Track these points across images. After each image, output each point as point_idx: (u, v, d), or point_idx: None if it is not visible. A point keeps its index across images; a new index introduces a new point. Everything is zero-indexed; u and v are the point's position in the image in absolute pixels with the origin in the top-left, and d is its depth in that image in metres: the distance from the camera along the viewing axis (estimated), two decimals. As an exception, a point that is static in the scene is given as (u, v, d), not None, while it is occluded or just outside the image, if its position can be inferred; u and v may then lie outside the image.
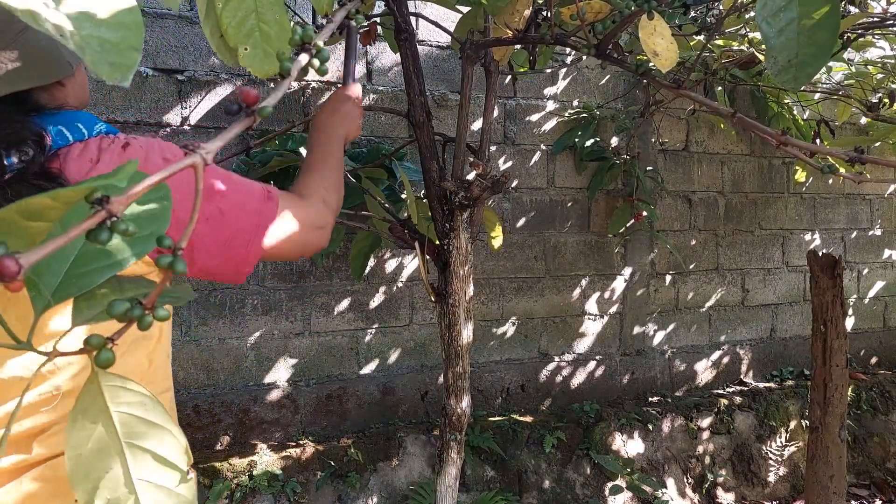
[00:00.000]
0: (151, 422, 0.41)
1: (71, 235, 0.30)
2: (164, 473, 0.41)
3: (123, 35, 0.37)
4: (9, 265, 0.28)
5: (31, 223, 0.31)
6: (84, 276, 0.40)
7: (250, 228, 0.84)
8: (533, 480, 2.27)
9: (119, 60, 0.36)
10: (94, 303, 0.41)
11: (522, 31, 1.13)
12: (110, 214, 0.31)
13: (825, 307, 1.96)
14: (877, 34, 1.98)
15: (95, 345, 0.39)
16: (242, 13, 0.54)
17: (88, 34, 0.36)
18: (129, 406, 0.41)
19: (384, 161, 1.88)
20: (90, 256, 0.41)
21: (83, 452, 0.39)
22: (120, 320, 0.38)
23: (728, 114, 0.74)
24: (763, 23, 0.57)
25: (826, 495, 1.94)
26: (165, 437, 0.42)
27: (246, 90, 0.38)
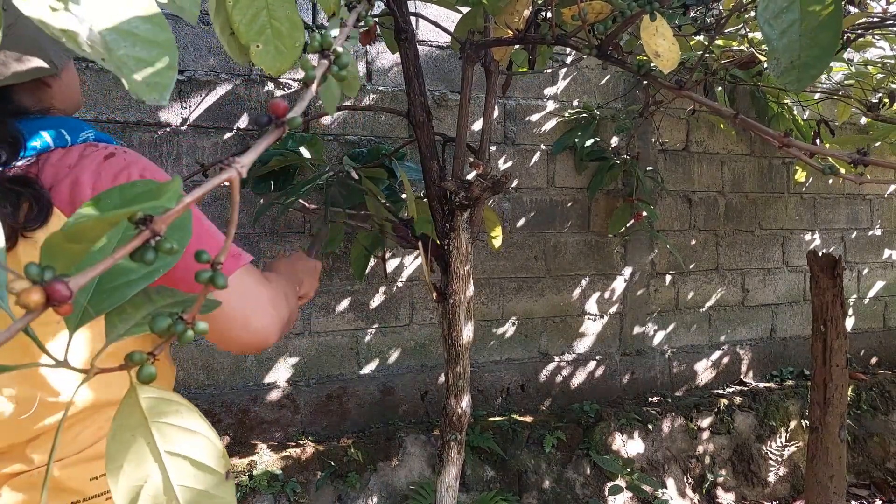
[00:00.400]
0: (187, 428, 0.42)
1: (117, 256, 0.31)
2: (203, 477, 0.42)
3: (158, 54, 0.38)
4: (60, 290, 0.28)
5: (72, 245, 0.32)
6: (115, 291, 0.40)
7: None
8: (533, 480, 2.27)
9: (156, 80, 0.37)
10: (126, 317, 0.42)
11: (522, 31, 1.13)
12: (154, 234, 0.31)
13: (825, 307, 1.96)
14: (877, 34, 1.98)
15: (137, 361, 0.39)
16: (254, 10, 0.54)
17: (125, 54, 0.37)
18: (166, 415, 0.42)
19: (384, 161, 1.88)
20: (118, 271, 0.41)
21: (123, 463, 0.40)
22: (161, 335, 0.38)
23: (730, 115, 0.74)
24: (765, 24, 0.57)
25: (826, 495, 1.94)
26: (201, 442, 0.42)
27: (276, 102, 0.39)
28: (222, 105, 1.99)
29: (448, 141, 1.57)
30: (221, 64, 1.99)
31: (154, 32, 0.38)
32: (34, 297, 0.27)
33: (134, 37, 0.37)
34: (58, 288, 0.28)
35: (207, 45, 1.97)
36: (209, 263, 0.37)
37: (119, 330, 0.41)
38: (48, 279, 0.28)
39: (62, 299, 0.28)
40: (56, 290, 0.28)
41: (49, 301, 0.28)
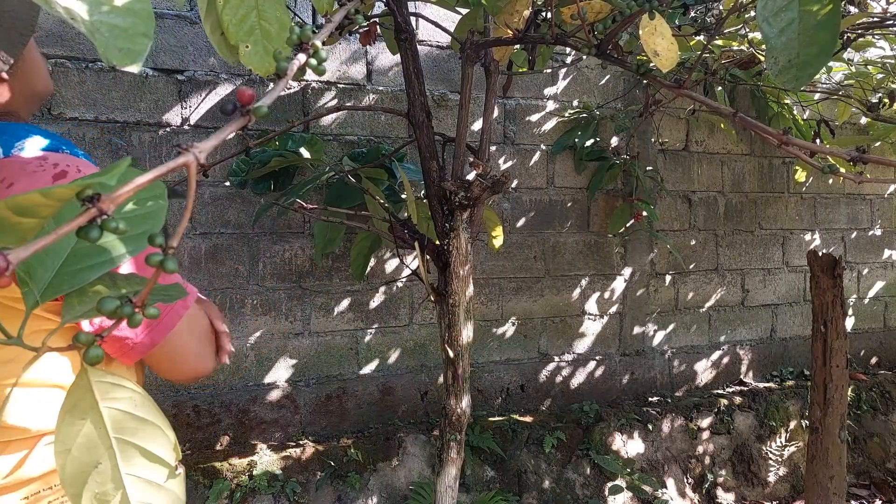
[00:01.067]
0: (141, 418, 0.41)
1: (61, 232, 0.30)
2: (153, 469, 0.41)
3: (133, 21, 0.38)
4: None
5: (22, 219, 0.31)
6: (76, 274, 0.40)
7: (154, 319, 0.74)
8: (533, 480, 2.27)
9: (129, 46, 0.37)
10: (85, 299, 0.41)
11: (522, 31, 1.13)
12: (101, 212, 0.31)
13: (825, 307, 1.96)
14: (877, 34, 1.98)
15: (84, 341, 0.39)
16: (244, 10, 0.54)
17: (98, 19, 0.36)
18: (119, 402, 0.41)
19: (384, 161, 1.88)
20: (83, 254, 0.41)
21: (72, 448, 0.39)
22: (110, 317, 0.38)
23: (729, 114, 0.74)
24: (764, 23, 0.57)
25: (826, 495, 1.94)
26: (155, 434, 0.42)
27: (242, 90, 0.38)
28: (219, 105, 1.99)
29: (448, 141, 1.57)
30: (221, 64, 1.99)
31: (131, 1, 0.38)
32: None
33: (110, 4, 0.37)
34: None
35: (207, 45, 1.97)
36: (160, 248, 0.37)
37: (76, 311, 0.41)
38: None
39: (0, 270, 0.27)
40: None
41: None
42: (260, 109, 0.39)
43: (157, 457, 0.41)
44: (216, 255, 2.00)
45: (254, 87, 2.03)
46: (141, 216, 0.41)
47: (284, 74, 0.42)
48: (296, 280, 2.11)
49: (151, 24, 0.38)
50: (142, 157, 1.90)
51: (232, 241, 2.02)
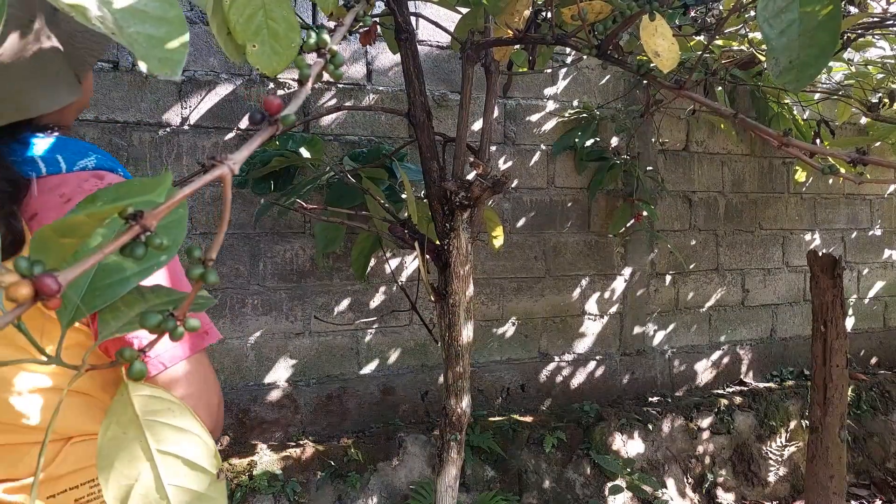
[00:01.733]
0: (179, 427, 0.42)
1: (107, 251, 0.30)
2: (196, 477, 0.42)
3: (168, 31, 0.38)
4: (49, 284, 0.28)
5: (66, 240, 0.32)
6: (107, 289, 0.40)
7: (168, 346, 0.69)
8: (533, 480, 2.27)
9: (167, 56, 0.37)
10: (118, 314, 0.42)
11: (523, 31, 1.13)
12: (144, 229, 0.31)
13: (825, 307, 1.96)
14: (877, 34, 1.98)
15: (128, 357, 0.39)
16: (251, 10, 0.54)
17: (135, 31, 0.37)
18: (158, 414, 0.42)
19: (384, 161, 1.88)
20: (111, 268, 0.41)
21: (115, 462, 0.40)
22: (152, 332, 0.38)
23: (730, 114, 0.74)
24: (764, 24, 0.57)
25: (826, 495, 1.94)
26: (195, 442, 0.42)
27: (269, 99, 0.38)
28: (223, 105, 1.99)
29: (448, 141, 1.57)
30: (222, 64, 1.99)
31: (163, 9, 0.38)
32: (23, 291, 0.27)
33: (143, 14, 0.37)
34: (46, 282, 0.28)
35: (208, 45, 1.97)
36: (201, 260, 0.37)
37: (112, 327, 0.41)
38: (37, 273, 0.28)
39: (50, 293, 0.28)
40: (45, 284, 0.28)
41: (38, 295, 0.28)
42: (287, 118, 0.39)
43: (198, 465, 0.42)
44: (217, 254, 2.00)
45: (255, 87, 2.03)
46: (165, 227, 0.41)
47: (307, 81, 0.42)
48: (296, 280, 2.11)
49: (185, 30, 0.39)
50: (142, 157, 1.91)
51: (233, 240, 2.02)
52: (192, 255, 0.38)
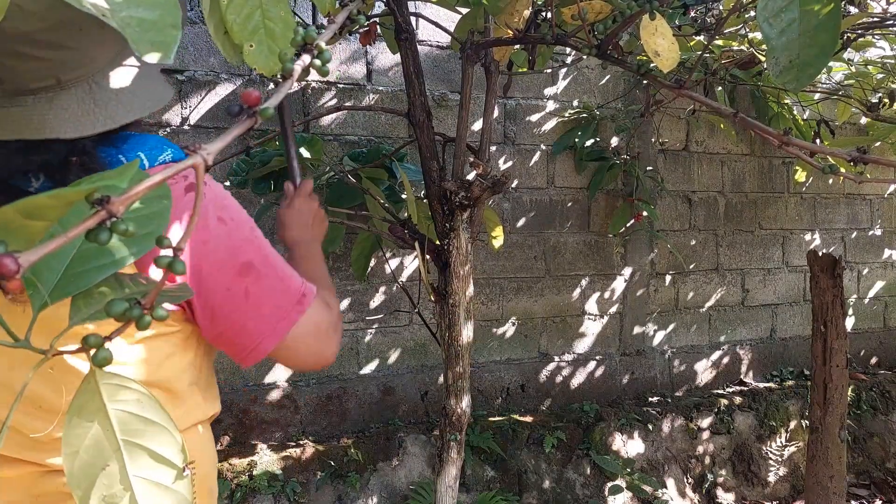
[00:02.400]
0: (148, 419, 0.41)
1: (71, 235, 0.30)
2: (161, 471, 0.41)
3: (161, 14, 0.38)
4: (7, 264, 0.27)
5: (30, 222, 0.31)
6: (82, 275, 0.40)
7: (269, 326, 0.77)
8: (533, 480, 2.27)
9: (160, 38, 0.37)
10: (92, 301, 0.41)
11: (522, 31, 1.13)
12: (110, 214, 0.31)
13: (825, 307, 1.96)
14: (877, 34, 1.98)
15: (93, 344, 0.39)
16: (248, 10, 0.54)
17: (128, 14, 0.37)
18: (126, 404, 0.41)
19: (384, 161, 1.88)
20: (89, 255, 0.41)
21: (80, 450, 0.39)
22: (118, 320, 0.38)
23: (730, 114, 0.74)
24: (764, 23, 0.57)
25: (826, 495, 1.94)
26: (162, 435, 0.42)
27: (247, 92, 0.38)
28: (223, 105, 1.99)
29: (448, 141, 1.57)
30: (222, 64, 1.99)
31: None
32: None
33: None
34: (5, 262, 0.27)
35: (208, 45, 1.97)
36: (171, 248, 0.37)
37: (83, 314, 0.41)
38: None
39: (9, 274, 0.27)
40: (3, 265, 0.27)
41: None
42: (266, 111, 0.39)
43: (165, 458, 0.41)
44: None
45: (255, 87, 2.03)
46: (146, 217, 0.41)
47: (290, 75, 0.42)
48: (296, 280, 2.11)
49: (178, 14, 0.38)
50: (142, 157, 1.90)
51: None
52: (161, 243, 0.37)
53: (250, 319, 0.76)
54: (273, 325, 0.77)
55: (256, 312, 0.76)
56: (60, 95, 0.63)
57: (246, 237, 0.76)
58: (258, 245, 0.78)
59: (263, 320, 0.76)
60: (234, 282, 0.74)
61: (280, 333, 0.78)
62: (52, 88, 0.62)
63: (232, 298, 0.74)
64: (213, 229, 0.73)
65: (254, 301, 0.76)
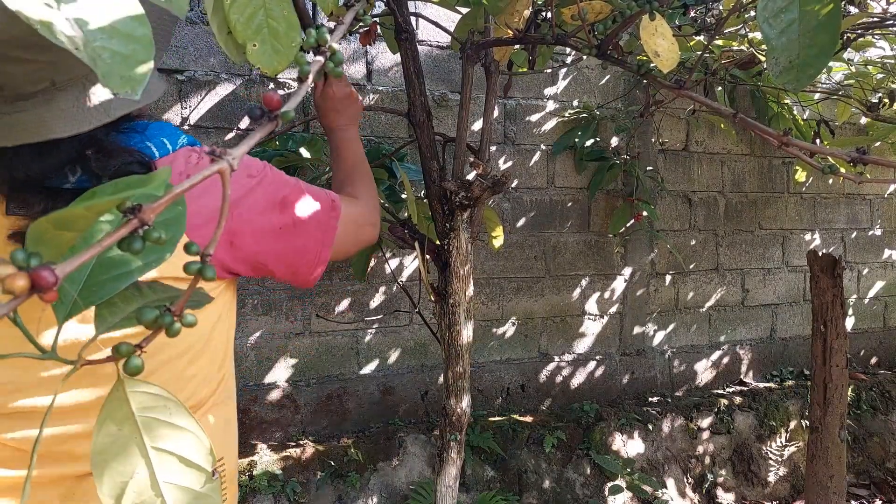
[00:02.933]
0: (175, 424, 0.42)
1: (105, 244, 0.30)
2: (191, 475, 0.42)
3: (134, 49, 0.37)
4: (45, 276, 0.28)
5: (62, 233, 0.32)
6: (104, 284, 0.40)
7: (320, 238, 0.88)
8: (533, 480, 2.27)
9: (129, 73, 0.37)
10: (115, 310, 0.41)
11: (523, 31, 1.13)
12: (142, 223, 0.31)
13: (825, 307, 1.96)
14: (877, 34, 1.98)
15: (124, 353, 0.39)
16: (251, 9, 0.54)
17: (100, 45, 0.36)
18: (153, 410, 0.41)
19: (384, 161, 1.88)
20: (110, 264, 0.41)
21: (109, 458, 0.39)
22: (149, 328, 0.38)
23: (729, 114, 0.74)
24: (764, 24, 0.57)
25: (826, 495, 1.94)
26: (190, 440, 0.42)
27: (269, 95, 0.38)
28: (223, 105, 1.99)
29: (448, 141, 1.57)
30: (222, 64, 1.99)
31: (132, 27, 0.38)
32: (19, 283, 0.27)
33: (112, 30, 0.37)
34: (43, 274, 0.27)
35: (208, 45, 1.97)
36: (199, 255, 0.37)
37: (108, 323, 0.41)
38: (34, 265, 0.28)
39: (47, 286, 0.28)
40: (41, 277, 0.27)
41: (34, 287, 0.27)
42: (287, 114, 0.39)
43: (194, 463, 0.42)
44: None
45: (256, 87, 2.03)
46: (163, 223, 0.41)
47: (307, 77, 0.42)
48: (296, 280, 2.11)
49: (151, 50, 0.38)
50: (142, 157, 1.90)
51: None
52: (189, 250, 0.38)
53: (304, 242, 0.86)
54: (322, 236, 0.88)
55: (306, 233, 0.86)
56: (57, 96, 0.64)
57: (273, 178, 0.84)
58: (282, 179, 0.85)
59: (313, 237, 0.87)
60: (279, 219, 0.82)
61: (330, 241, 0.89)
62: (48, 91, 0.63)
63: (284, 234, 0.82)
64: (246, 186, 0.80)
65: (301, 226, 0.85)
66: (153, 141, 0.75)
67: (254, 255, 0.81)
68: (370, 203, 1.04)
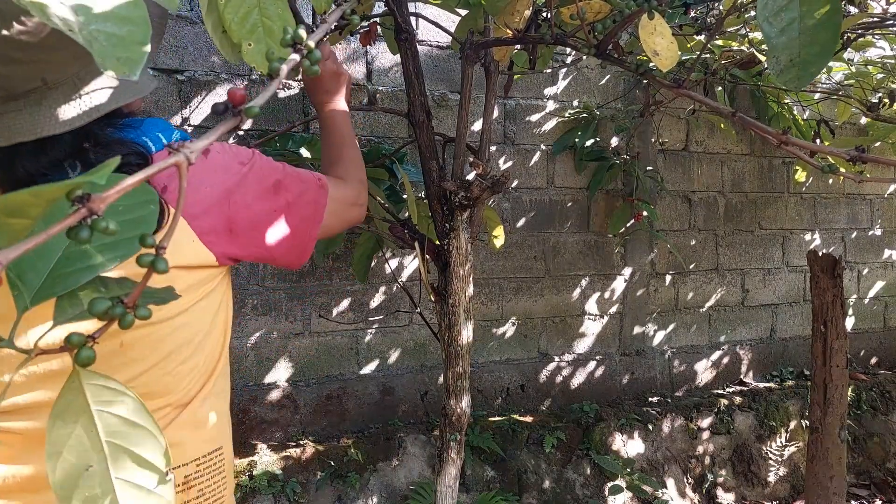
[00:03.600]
0: (132, 422, 0.41)
1: (51, 232, 0.30)
2: (144, 474, 0.41)
3: (130, 30, 0.37)
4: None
5: (12, 220, 0.31)
6: (67, 276, 0.40)
7: (311, 217, 0.91)
8: (533, 480, 2.27)
9: (126, 55, 0.36)
10: (76, 302, 0.41)
11: (522, 31, 1.13)
12: (91, 212, 0.31)
13: (825, 307, 1.96)
14: (877, 34, 1.98)
15: (76, 343, 0.38)
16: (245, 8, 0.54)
17: (96, 28, 0.36)
18: (111, 406, 0.40)
19: (384, 161, 1.88)
20: (74, 257, 0.41)
21: (63, 450, 0.39)
22: (101, 319, 0.38)
23: (729, 113, 0.74)
24: (764, 23, 0.57)
25: (826, 495, 1.94)
26: (146, 438, 0.41)
27: (233, 90, 0.38)
28: (211, 106, 1.99)
29: (448, 141, 1.57)
30: (222, 64, 1.99)
31: (128, 9, 0.38)
32: None
33: (108, 12, 0.37)
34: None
35: (208, 45, 1.97)
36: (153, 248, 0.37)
37: (68, 314, 0.41)
38: None
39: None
40: None
41: None
42: (251, 110, 0.39)
43: (148, 462, 0.41)
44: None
45: (256, 87, 2.03)
46: (133, 220, 0.41)
47: (277, 75, 0.42)
48: (296, 280, 2.11)
49: (148, 31, 0.38)
50: (142, 157, 1.90)
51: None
52: (144, 242, 0.37)
53: (297, 223, 0.89)
54: (313, 214, 0.92)
55: (298, 215, 0.89)
56: (48, 95, 0.65)
57: (263, 164, 0.86)
58: (271, 164, 0.88)
59: (305, 218, 0.90)
60: (274, 203, 0.85)
61: (319, 219, 0.93)
62: (40, 90, 0.65)
63: (279, 216, 0.86)
64: (239, 174, 0.82)
65: (294, 208, 0.88)
66: (149, 136, 0.77)
67: (252, 238, 0.84)
68: (357, 184, 1.06)
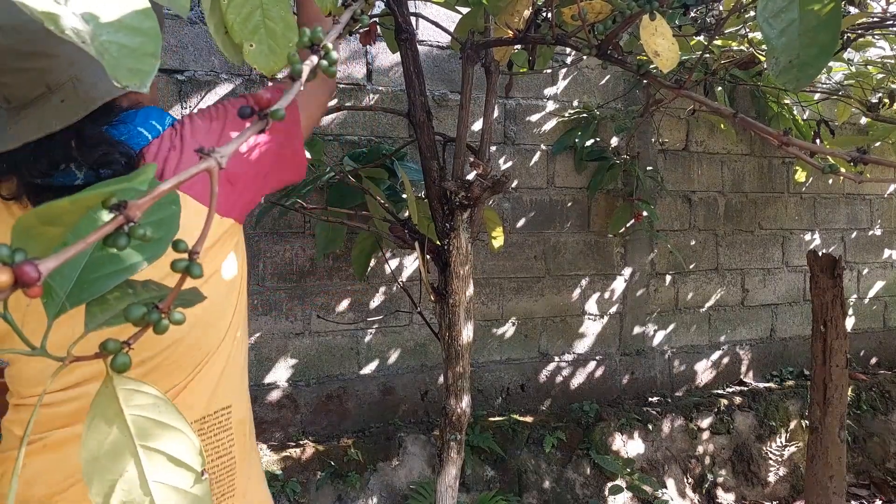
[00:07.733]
0: (165, 423, 0.41)
1: (90, 240, 0.30)
2: (180, 474, 0.41)
3: (141, 41, 0.38)
4: (29, 271, 0.27)
5: (48, 228, 0.31)
6: (96, 282, 0.40)
7: (292, 127, 0.93)
8: (533, 480, 2.27)
9: (137, 66, 0.37)
10: (106, 307, 0.41)
11: (523, 31, 1.13)
12: (128, 219, 0.31)
13: (825, 307, 1.96)
14: (877, 34, 1.98)
15: (112, 349, 0.39)
16: (248, 9, 0.54)
17: (107, 39, 0.37)
18: (143, 409, 0.41)
19: (385, 161, 1.88)
20: (102, 261, 0.41)
21: (99, 455, 0.39)
22: (136, 325, 0.38)
23: (729, 114, 0.74)
24: (764, 23, 0.57)
25: (826, 495, 1.94)
26: (180, 439, 0.42)
27: (259, 94, 0.38)
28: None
29: (448, 141, 1.57)
30: (222, 64, 1.99)
31: (139, 20, 0.38)
32: (2, 278, 0.27)
33: (118, 23, 0.37)
34: (26, 270, 0.27)
35: (208, 45, 1.97)
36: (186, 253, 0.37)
37: (98, 320, 0.41)
38: (18, 261, 0.28)
39: (30, 281, 0.27)
40: (24, 272, 0.27)
41: (17, 283, 0.27)
42: (277, 113, 0.39)
43: (183, 462, 0.41)
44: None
45: (253, 88, 2.03)
46: (156, 223, 0.41)
47: (299, 77, 0.42)
48: (296, 280, 2.11)
49: (159, 43, 0.38)
50: (142, 157, 1.90)
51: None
52: (177, 247, 0.38)
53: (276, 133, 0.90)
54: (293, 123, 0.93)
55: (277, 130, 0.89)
56: (51, 97, 0.69)
57: (229, 109, 0.88)
58: (234, 102, 0.90)
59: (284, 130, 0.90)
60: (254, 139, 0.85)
61: (297, 118, 0.93)
62: (45, 95, 0.69)
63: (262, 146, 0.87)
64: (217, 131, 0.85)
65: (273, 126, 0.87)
66: (145, 126, 0.79)
67: (252, 177, 0.86)
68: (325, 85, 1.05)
